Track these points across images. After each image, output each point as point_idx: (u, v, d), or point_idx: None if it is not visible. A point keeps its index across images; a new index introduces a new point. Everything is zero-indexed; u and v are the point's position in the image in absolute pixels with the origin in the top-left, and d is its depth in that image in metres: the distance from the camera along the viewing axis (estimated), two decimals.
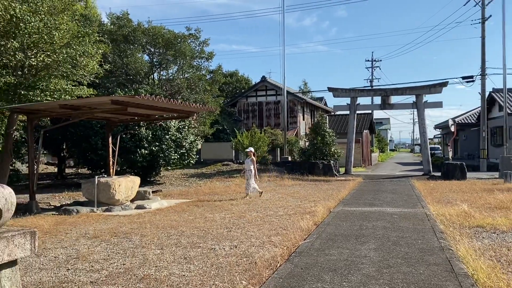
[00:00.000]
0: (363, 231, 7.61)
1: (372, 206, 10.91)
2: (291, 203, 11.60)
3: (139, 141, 17.09)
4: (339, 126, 34.26)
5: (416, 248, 6.26)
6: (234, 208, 10.81)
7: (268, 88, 32.57)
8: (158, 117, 13.81)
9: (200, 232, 7.79)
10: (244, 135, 22.47)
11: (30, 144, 10.95)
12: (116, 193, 11.45)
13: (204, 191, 15.20)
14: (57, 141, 19.89)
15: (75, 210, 10.48)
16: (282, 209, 10.44)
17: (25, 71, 11.71)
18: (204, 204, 11.69)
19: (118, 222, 9.00)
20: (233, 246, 6.61)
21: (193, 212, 10.29)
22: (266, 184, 17.23)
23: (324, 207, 10.41)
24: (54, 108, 10.34)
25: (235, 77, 42.30)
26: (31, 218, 9.26)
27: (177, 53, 19.76)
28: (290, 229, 7.87)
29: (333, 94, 22.87)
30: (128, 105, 10.23)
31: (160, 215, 9.97)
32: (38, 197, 14.72)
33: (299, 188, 15.58)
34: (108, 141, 13.89)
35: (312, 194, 13.70)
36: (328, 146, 22.82)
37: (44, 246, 6.83)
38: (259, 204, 11.40)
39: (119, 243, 7.01)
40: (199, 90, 20.67)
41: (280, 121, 31.84)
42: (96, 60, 12.82)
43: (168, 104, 10.88)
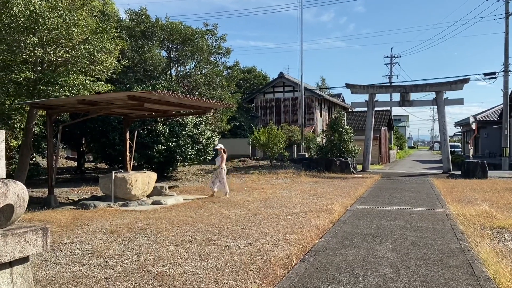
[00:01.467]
0: (381, 230, 7.46)
1: (390, 204, 10.71)
2: (308, 200, 11.49)
3: (156, 136, 17.17)
4: (357, 123, 33.89)
5: (435, 249, 6.09)
6: (250, 204, 10.76)
7: (285, 84, 32.40)
8: (175, 113, 13.82)
9: (215, 229, 7.75)
10: (261, 131, 22.39)
11: (49, 139, 11.08)
12: (133, 189, 11.51)
13: None
14: (76, 136, 20.15)
15: (92, 204, 10.57)
16: (298, 207, 10.34)
17: (44, 67, 11.84)
18: (220, 200, 11.66)
19: (134, 218, 9.04)
20: (248, 244, 6.55)
21: (209, 208, 10.27)
22: (283, 181, 17.14)
23: (341, 205, 10.27)
24: (72, 103, 10.43)
25: (252, 73, 42.23)
26: (49, 212, 9.37)
27: (195, 49, 19.77)
28: (305, 227, 7.77)
29: (351, 90, 22.58)
30: (145, 101, 10.24)
31: (176, 211, 9.98)
32: (57, 191, 14.95)
33: (316, 185, 15.43)
34: (125, 136, 13.96)
35: (328, 191, 13.55)
36: (346, 143, 22.57)
37: (61, 241, 6.89)
38: (275, 201, 11.32)
39: (134, 238, 7.02)
40: (216, 86, 20.65)
41: (298, 118, 31.67)
42: (114, 56, 12.89)
43: (184, 100, 10.86)
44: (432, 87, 22.29)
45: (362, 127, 31.62)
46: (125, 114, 13.88)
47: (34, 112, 11.92)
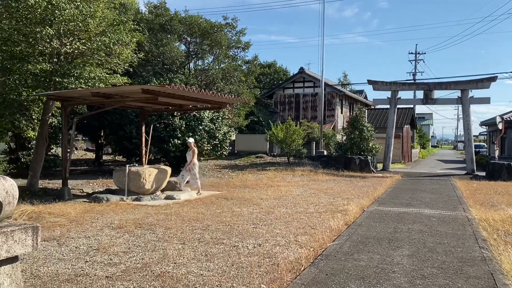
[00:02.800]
0: (397, 234, 7.12)
1: (409, 206, 10.32)
2: (323, 200, 11.18)
3: (172, 130, 17.08)
4: (379, 121, 33.24)
5: (454, 257, 5.74)
6: (264, 202, 10.52)
7: (306, 80, 31.95)
8: (191, 107, 13.67)
9: (226, 227, 7.55)
10: (278, 128, 22.08)
11: (63, 131, 11.07)
12: (146, 183, 11.42)
13: (235, 183, 15.00)
14: (94, 128, 20.26)
15: (105, 198, 10.52)
16: (313, 206, 10.05)
17: (61, 59, 11.82)
18: (233, 197, 11.47)
19: (145, 213, 8.92)
20: (257, 245, 6.32)
21: (221, 205, 10.08)
22: (299, 179, 16.84)
23: (358, 205, 9.93)
24: (87, 95, 10.37)
25: (273, 68, 41.85)
26: (60, 205, 9.34)
27: (213, 43, 19.57)
28: (319, 228, 7.49)
29: (373, 87, 22.04)
30: (159, 95, 10.09)
31: (188, 206, 9.82)
32: (73, 183, 15.02)
33: (333, 184, 15.09)
34: (141, 130, 13.90)
35: (346, 191, 13.20)
36: (366, 141, 22.07)
37: (68, 235, 6.80)
38: (289, 200, 11.05)
39: (142, 235, 6.87)
40: (234, 81, 20.43)
41: (317, 114, 31.19)
42: (130, 49, 12.79)
43: (199, 94, 10.68)
44: (457, 85, 21.57)
45: (384, 125, 30.94)
46: (141, 108, 13.81)
47: (50, 103, 11.93)
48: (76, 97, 10.83)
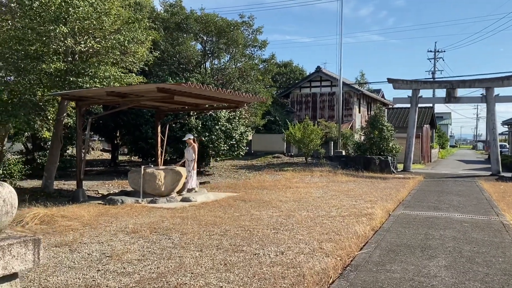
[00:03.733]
0: (430, 241, 6.62)
1: (437, 210, 9.77)
2: (345, 202, 10.70)
3: (188, 130, 16.76)
4: (398, 120, 32.52)
5: (497, 269, 5.23)
6: (283, 205, 10.10)
7: (322, 79, 31.39)
8: (207, 107, 13.34)
9: (245, 232, 7.16)
10: (296, 127, 21.62)
11: (78, 131, 10.83)
12: (162, 184, 11.11)
13: (252, 184, 14.60)
14: (110, 129, 20.10)
15: (120, 200, 10.23)
16: (335, 209, 9.59)
17: (75, 57, 11.60)
18: (251, 199, 11.07)
19: (160, 216, 8.58)
20: (279, 253, 5.90)
21: (239, 208, 9.69)
22: (318, 180, 16.36)
23: (383, 209, 9.44)
24: (101, 95, 10.10)
25: (289, 68, 41.35)
26: (74, 207, 9.07)
27: (230, 41, 19.20)
28: (344, 234, 7.04)
29: (393, 85, 21.40)
30: (175, 93, 9.76)
31: (204, 209, 9.46)
32: (88, 184, 14.82)
33: (354, 185, 14.57)
34: (156, 130, 13.62)
35: (368, 192, 12.69)
36: (386, 141, 21.46)
37: (81, 240, 6.49)
38: (310, 202, 10.61)
39: (157, 241, 6.52)
40: (250, 80, 20.04)
41: (335, 113, 30.61)
42: (146, 47, 12.51)
43: (216, 93, 10.31)
44: (481, 83, 20.80)
45: (403, 124, 30.25)
46: (156, 107, 13.52)
47: (65, 103, 11.72)
48: (90, 96, 10.57)
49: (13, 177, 12.54)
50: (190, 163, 11.62)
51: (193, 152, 11.67)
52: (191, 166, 11.57)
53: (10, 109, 10.82)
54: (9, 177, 12.49)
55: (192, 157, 11.65)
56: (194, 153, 11.68)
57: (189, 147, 11.85)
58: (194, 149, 11.73)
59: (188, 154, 11.76)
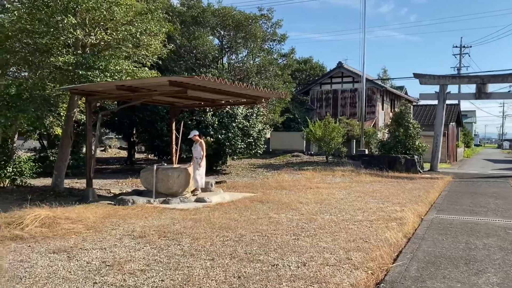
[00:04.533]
0: (473, 252, 5.80)
1: (474, 214, 8.89)
2: (371, 205, 9.90)
3: (205, 128, 16.18)
4: (423, 117, 31.31)
5: None
6: (304, 207, 9.37)
7: (344, 75, 30.43)
8: (223, 103, 12.69)
9: (262, 238, 6.47)
10: (316, 125, 20.81)
11: (88, 128, 10.31)
12: (175, 184, 10.52)
13: (270, 184, 13.90)
14: (125, 126, 19.67)
15: (130, 200, 9.66)
16: (361, 213, 8.81)
17: (86, 51, 11.10)
18: (269, 200, 10.37)
19: (171, 218, 7.97)
20: (301, 264, 5.19)
21: (256, 210, 9.00)
22: (340, 180, 15.55)
23: (413, 212, 8.61)
24: (111, 89, 9.54)
25: (309, 64, 40.49)
26: (81, 208, 8.53)
27: (248, 35, 18.52)
28: (373, 241, 6.28)
29: (419, 81, 20.35)
30: (188, 87, 9.12)
31: (219, 211, 8.81)
32: (102, 183, 14.37)
33: (379, 186, 13.72)
34: (171, 127, 13.06)
35: (395, 194, 11.84)
36: (412, 139, 20.45)
37: (82, 246, 5.90)
38: (332, 204, 9.84)
39: (165, 247, 5.89)
40: (269, 75, 19.31)
41: (357, 111, 29.66)
42: (159, 40, 11.93)
43: (231, 87, 9.65)
44: None
45: (428, 122, 29.10)
46: (171, 103, 12.95)
47: (75, 99, 11.23)
48: (100, 91, 10.04)
49: (23, 175, 12.16)
50: (197, 161, 10.88)
51: (201, 149, 10.94)
52: (199, 164, 10.84)
53: (19, 105, 10.38)
54: (19, 175, 12.12)
55: (200, 154, 10.91)
56: (202, 150, 10.96)
57: (196, 144, 11.12)
58: (202, 145, 11.01)
59: (196, 151, 11.02)
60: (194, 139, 11.20)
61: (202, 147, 10.94)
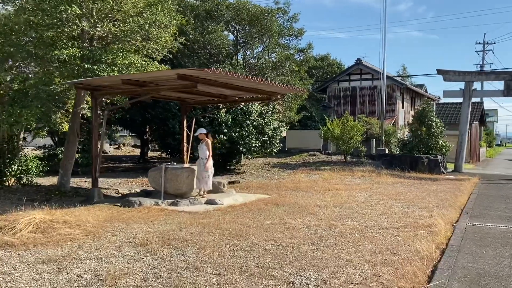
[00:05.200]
0: None
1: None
2: (396, 209, 9.12)
3: (218, 126, 15.56)
4: (444, 116, 30.16)
5: None
6: (322, 211, 8.65)
7: (363, 72, 29.50)
8: (237, 99, 12.04)
9: (277, 247, 5.79)
10: (334, 123, 20.00)
11: (93, 124, 9.77)
12: (185, 184, 9.92)
13: (286, 185, 13.20)
14: (137, 123, 19.19)
15: (137, 202, 9.08)
16: (385, 218, 8.06)
17: (94, 44, 10.57)
18: (285, 202, 9.68)
19: (178, 222, 7.35)
20: (321, 281, 4.50)
21: (271, 213, 8.33)
22: (360, 181, 14.76)
23: (443, 219, 7.82)
24: (117, 83, 8.97)
25: (326, 61, 39.56)
26: (83, 210, 7.98)
27: (263, 30, 17.81)
28: (402, 254, 5.55)
29: (443, 77, 19.37)
30: (198, 81, 8.50)
31: (230, 214, 8.17)
32: (111, 182, 13.88)
33: (402, 188, 12.89)
34: (182, 124, 12.48)
35: (420, 197, 11.02)
36: (435, 138, 19.49)
37: (76, 255, 5.31)
38: (353, 208, 9.10)
39: (167, 257, 5.27)
40: (285, 71, 18.58)
41: (376, 109, 28.73)
42: (170, 32, 11.33)
43: (245, 81, 9.00)
44: None
45: (450, 121, 28.03)
46: (182, 100, 12.37)
47: (82, 94, 10.72)
48: (106, 85, 9.49)
49: (29, 174, 11.72)
50: (203, 162, 10.02)
51: (206, 149, 10.09)
52: (204, 165, 9.99)
53: (23, 100, 9.90)
54: (25, 174, 11.68)
55: (205, 154, 10.03)
56: (208, 149, 10.13)
57: (202, 143, 10.22)
58: (208, 145, 10.14)
59: (201, 151, 10.12)
60: (200, 137, 10.43)
61: (208, 146, 10.13)
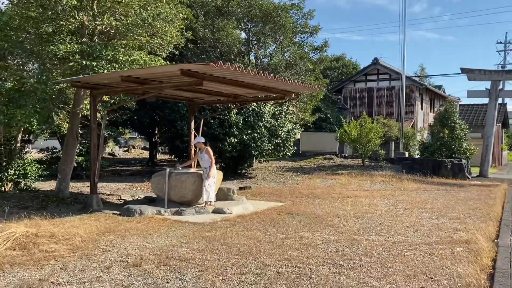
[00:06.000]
0: None
1: None
2: (424, 220, 8.17)
3: (228, 127, 14.74)
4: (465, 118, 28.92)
5: None
6: (342, 223, 7.75)
7: (380, 72, 28.41)
8: (247, 98, 11.20)
9: (291, 270, 4.92)
10: (351, 125, 19.03)
11: (92, 126, 9.02)
12: (190, 191, 9.10)
13: (301, 191, 12.32)
14: (145, 125, 18.50)
15: (138, 210, 8.29)
16: (414, 232, 7.12)
17: (94, 39, 9.85)
18: (300, 212, 8.80)
19: (181, 236, 6.53)
20: None
21: (285, 225, 7.45)
22: (380, 186, 13.78)
23: (481, 233, 6.85)
24: (116, 81, 8.20)
25: (341, 62, 38.50)
26: (75, 221, 7.22)
27: (276, 27, 16.95)
28: (442, 279, 4.64)
29: (467, 76, 18.28)
30: (204, 78, 7.69)
31: (239, 226, 7.33)
32: (115, 187, 13.17)
33: (427, 195, 11.89)
34: (189, 125, 11.69)
35: (448, 206, 10.02)
36: (459, 141, 18.39)
37: (55, 278, 4.53)
38: (376, 219, 8.17)
39: (162, 283, 4.44)
40: (300, 70, 17.69)
41: (394, 110, 27.64)
42: (176, 27, 10.57)
43: (256, 78, 8.16)
44: None
45: (472, 123, 26.81)
46: (190, 99, 11.58)
47: (81, 93, 9.99)
48: (105, 83, 8.74)
49: (27, 178, 11.04)
50: (206, 171, 9.14)
51: (208, 157, 9.22)
52: (208, 174, 9.10)
53: (19, 100, 9.21)
54: (23, 178, 11.00)
55: (208, 163, 9.18)
56: (210, 157, 9.25)
57: (202, 152, 9.36)
58: (209, 153, 9.29)
59: (203, 161, 9.27)
60: (198, 146, 9.58)
61: (209, 154, 9.26)
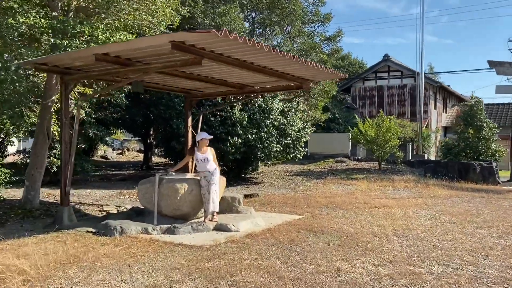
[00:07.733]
0: None
1: None
2: (487, 239, 6.31)
3: (231, 126, 12.91)
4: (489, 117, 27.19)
5: None
6: (384, 245, 5.90)
7: (391, 69, 26.63)
8: (256, 90, 9.35)
9: None
10: (367, 124, 17.21)
11: (63, 120, 7.19)
12: (186, 202, 7.22)
13: (317, 199, 10.48)
14: (138, 124, 16.67)
15: (118, 228, 6.45)
16: (484, 258, 5.28)
17: (69, 16, 8.05)
18: (324, 228, 6.95)
19: (171, 269, 4.70)
20: None
21: (310, 250, 5.61)
22: (406, 193, 11.93)
23: None
24: (91, 61, 6.32)
25: (347, 60, 36.78)
26: (30, 245, 5.36)
27: (285, 13, 15.16)
28: None
29: (496, 70, 16.36)
30: (203, 54, 5.85)
31: (251, 252, 5.48)
32: (100, 195, 11.32)
33: (465, 204, 10.04)
34: (186, 122, 9.87)
35: (501, 217, 8.18)
36: (486, 142, 16.56)
37: None
38: (425, 239, 6.32)
39: None
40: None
41: (406, 110, 25.87)
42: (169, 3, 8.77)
43: (270, 56, 6.29)
44: None
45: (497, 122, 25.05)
46: (186, 92, 9.73)
47: (52, 81, 8.16)
48: (78, 66, 6.89)
49: None
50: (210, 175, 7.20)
51: (213, 159, 7.29)
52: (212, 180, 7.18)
53: None
54: None
55: (213, 166, 7.26)
56: (214, 159, 7.35)
57: (205, 153, 7.29)
58: (213, 155, 7.38)
59: (206, 163, 7.24)
60: (203, 144, 7.37)
61: (214, 156, 7.38)
